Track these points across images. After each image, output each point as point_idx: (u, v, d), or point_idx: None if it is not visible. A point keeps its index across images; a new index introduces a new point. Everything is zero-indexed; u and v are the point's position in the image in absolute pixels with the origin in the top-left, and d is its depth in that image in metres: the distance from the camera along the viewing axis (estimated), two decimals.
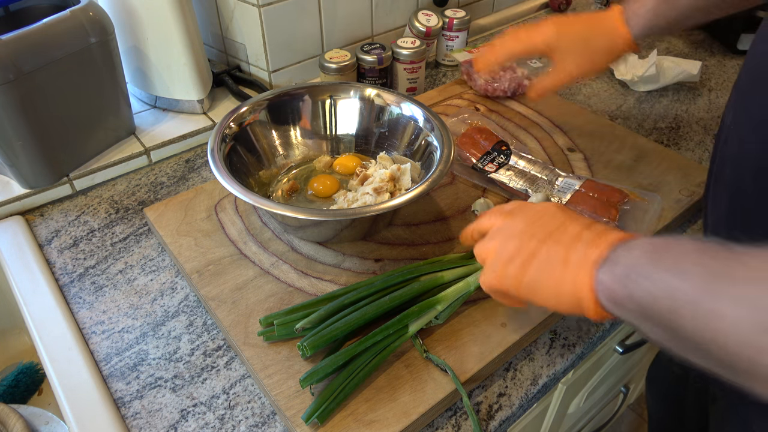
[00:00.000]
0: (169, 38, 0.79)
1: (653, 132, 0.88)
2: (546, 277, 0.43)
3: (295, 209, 0.58)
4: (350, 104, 0.76)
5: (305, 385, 0.48)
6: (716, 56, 1.09)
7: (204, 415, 0.51)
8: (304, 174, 0.75)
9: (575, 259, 0.41)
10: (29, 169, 0.70)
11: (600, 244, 0.40)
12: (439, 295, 0.55)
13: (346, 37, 0.95)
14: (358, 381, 0.50)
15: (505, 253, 0.46)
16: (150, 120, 0.86)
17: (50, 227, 0.71)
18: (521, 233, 0.46)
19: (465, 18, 1.00)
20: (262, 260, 0.63)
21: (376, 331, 0.51)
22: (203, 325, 0.59)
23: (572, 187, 0.68)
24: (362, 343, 0.51)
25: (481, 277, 0.49)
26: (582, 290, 0.40)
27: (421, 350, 0.53)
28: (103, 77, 0.74)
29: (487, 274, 0.47)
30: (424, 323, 0.54)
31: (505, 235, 0.47)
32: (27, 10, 0.75)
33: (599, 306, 0.40)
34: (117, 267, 0.65)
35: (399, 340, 0.52)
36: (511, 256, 0.45)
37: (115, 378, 0.54)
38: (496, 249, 0.46)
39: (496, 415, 0.52)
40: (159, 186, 0.78)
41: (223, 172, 0.60)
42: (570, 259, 0.41)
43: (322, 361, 0.50)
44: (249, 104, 0.71)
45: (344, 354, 0.50)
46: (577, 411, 0.93)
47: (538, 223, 0.46)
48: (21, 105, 0.64)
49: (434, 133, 0.68)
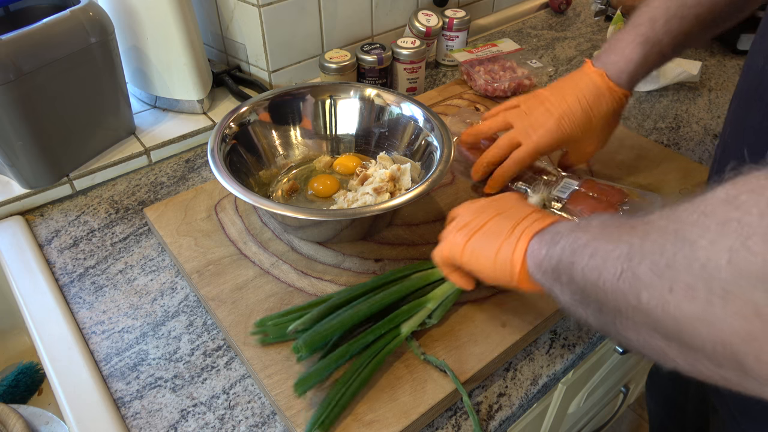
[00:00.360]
0: (169, 38, 0.79)
1: (653, 132, 0.88)
2: (488, 245, 0.46)
3: (295, 209, 0.58)
4: (350, 104, 0.76)
5: (299, 391, 0.47)
6: (716, 56, 1.09)
7: (204, 415, 0.51)
8: (304, 174, 0.75)
9: (518, 232, 0.44)
10: (29, 169, 0.70)
11: (544, 222, 0.44)
12: (429, 294, 0.55)
13: (346, 37, 0.95)
14: (357, 386, 0.49)
15: (459, 223, 0.50)
16: (150, 120, 0.86)
17: (50, 227, 0.71)
18: (478, 210, 0.50)
19: (465, 18, 1.00)
20: (262, 260, 0.63)
21: (367, 331, 0.51)
22: (203, 325, 0.59)
23: (572, 187, 0.68)
24: (353, 344, 0.50)
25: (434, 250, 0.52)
26: (516, 256, 0.44)
27: (418, 352, 0.53)
28: (103, 77, 0.74)
29: (440, 245, 0.51)
30: (417, 323, 0.53)
31: (464, 212, 0.52)
32: (27, 10, 0.75)
33: (526, 271, 0.43)
34: (117, 267, 0.65)
35: (393, 341, 0.52)
36: (464, 224, 0.49)
37: (115, 378, 0.54)
38: (453, 224, 0.51)
39: (496, 415, 0.52)
40: (159, 186, 0.78)
41: (223, 172, 0.60)
42: (514, 231, 0.45)
43: (314, 365, 0.49)
44: (249, 104, 0.71)
45: (336, 356, 0.49)
46: (577, 411, 0.93)
47: (495, 203, 0.50)
48: (21, 105, 0.64)
49: (434, 133, 0.68)
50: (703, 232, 0.27)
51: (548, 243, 0.41)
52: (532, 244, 0.43)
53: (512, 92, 0.92)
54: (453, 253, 0.49)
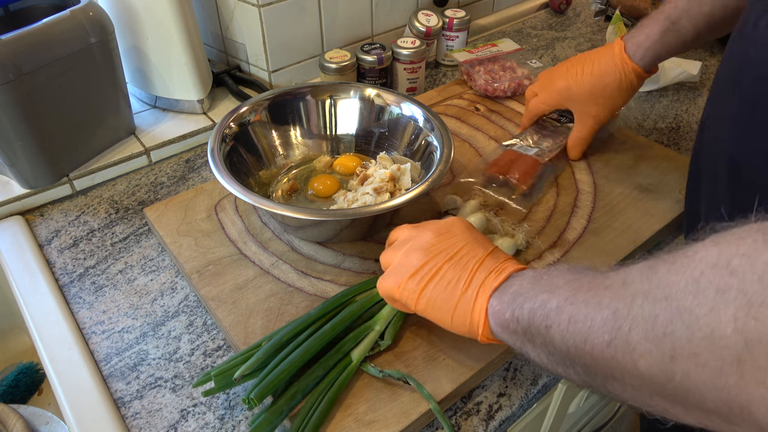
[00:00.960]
0: (169, 38, 0.79)
1: (653, 132, 0.88)
2: (445, 297, 0.45)
3: (295, 209, 0.58)
4: (350, 104, 0.76)
5: None
6: (716, 56, 1.09)
7: (204, 415, 0.51)
8: (304, 174, 0.75)
9: (475, 284, 0.43)
10: (29, 169, 0.70)
11: (499, 274, 0.43)
12: (375, 316, 0.53)
13: (346, 37, 0.95)
14: (317, 422, 0.47)
15: (409, 264, 0.47)
16: (150, 120, 0.86)
17: (50, 227, 0.71)
18: (427, 248, 0.47)
19: (465, 18, 1.00)
20: (262, 260, 0.63)
21: (314, 367, 0.49)
22: (203, 325, 0.59)
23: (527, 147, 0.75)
24: (304, 380, 0.48)
25: (380, 281, 0.49)
26: (476, 314, 0.43)
27: (376, 372, 0.51)
28: (103, 77, 0.74)
29: (388, 280, 0.48)
30: (368, 348, 0.52)
31: (412, 246, 0.48)
32: (27, 10, 0.75)
33: (489, 329, 0.42)
34: (117, 267, 0.65)
35: (345, 371, 0.50)
36: (415, 269, 0.46)
37: (115, 378, 0.54)
38: (400, 259, 0.48)
39: (496, 415, 0.52)
40: (159, 186, 0.78)
41: (223, 172, 0.60)
42: (471, 284, 0.44)
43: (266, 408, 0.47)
44: (249, 104, 0.71)
45: (288, 398, 0.47)
46: (577, 411, 0.93)
47: (444, 240, 0.47)
48: (21, 105, 0.64)
49: (434, 133, 0.68)
50: (700, 300, 0.26)
51: (510, 304, 0.40)
52: (492, 304, 0.42)
53: (512, 92, 0.91)
54: (407, 301, 0.47)
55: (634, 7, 1.21)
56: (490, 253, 0.46)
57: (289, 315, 0.57)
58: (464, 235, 0.48)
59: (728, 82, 0.49)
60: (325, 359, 0.50)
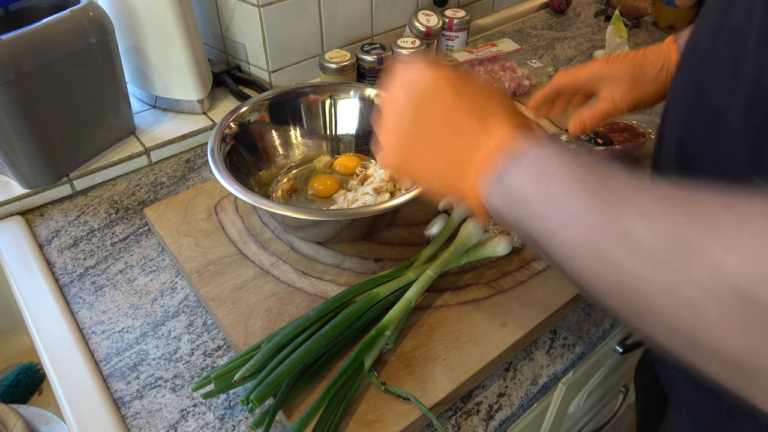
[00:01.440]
0: (169, 38, 0.79)
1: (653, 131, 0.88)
2: (439, 175, 0.42)
3: (295, 209, 0.58)
4: (350, 104, 0.76)
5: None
6: None
7: (204, 415, 0.51)
8: (304, 174, 0.75)
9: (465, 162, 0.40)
10: (29, 169, 0.70)
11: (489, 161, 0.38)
12: (383, 320, 0.52)
13: (346, 37, 0.95)
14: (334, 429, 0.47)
15: (398, 135, 0.43)
16: (150, 120, 0.86)
17: (50, 227, 0.71)
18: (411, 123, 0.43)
19: (465, 18, 1.00)
20: (262, 260, 0.63)
21: (336, 378, 0.48)
22: (203, 325, 0.59)
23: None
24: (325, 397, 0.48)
25: (381, 156, 0.45)
26: (471, 197, 0.40)
27: (378, 383, 0.50)
28: (103, 77, 0.74)
29: (388, 159, 0.45)
30: (377, 354, 0.52)
31: (395, 119, 0.44)
32: (27, 10, 0.75)
33: (486, 212, 0.40)
34: (117, 267, 0.65)
35: (357, 379, 0.49)
36: (404, 144, 0.43)
37: (115, 378, 0.54)
38: (389, 133, 0.44)
39: (496, 415, 0.52)
40: (159, 186, 0.78)
41: (223, 172, 0.60)
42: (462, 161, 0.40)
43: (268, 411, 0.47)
44: (249, 104, 0.71)
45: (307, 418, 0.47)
46: (577, 411, 0.93)
47: (427, 111, 0.42)
48: (21, 105, 0.64)
49: None
50: None
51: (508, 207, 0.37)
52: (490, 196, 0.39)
53: (512, 92, 0.92)
54: (402, 174, 0.44)
55: (634, 7, 1.21)
56: (477, 119, 0.40)
57: (289, 315, 0.57)
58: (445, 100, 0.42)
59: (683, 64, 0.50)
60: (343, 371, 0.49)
